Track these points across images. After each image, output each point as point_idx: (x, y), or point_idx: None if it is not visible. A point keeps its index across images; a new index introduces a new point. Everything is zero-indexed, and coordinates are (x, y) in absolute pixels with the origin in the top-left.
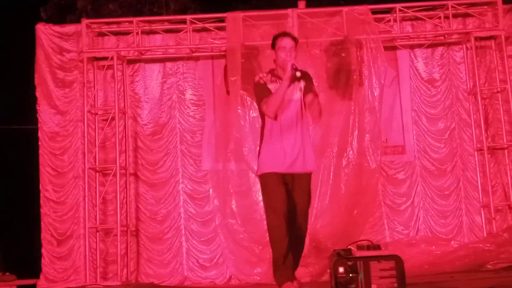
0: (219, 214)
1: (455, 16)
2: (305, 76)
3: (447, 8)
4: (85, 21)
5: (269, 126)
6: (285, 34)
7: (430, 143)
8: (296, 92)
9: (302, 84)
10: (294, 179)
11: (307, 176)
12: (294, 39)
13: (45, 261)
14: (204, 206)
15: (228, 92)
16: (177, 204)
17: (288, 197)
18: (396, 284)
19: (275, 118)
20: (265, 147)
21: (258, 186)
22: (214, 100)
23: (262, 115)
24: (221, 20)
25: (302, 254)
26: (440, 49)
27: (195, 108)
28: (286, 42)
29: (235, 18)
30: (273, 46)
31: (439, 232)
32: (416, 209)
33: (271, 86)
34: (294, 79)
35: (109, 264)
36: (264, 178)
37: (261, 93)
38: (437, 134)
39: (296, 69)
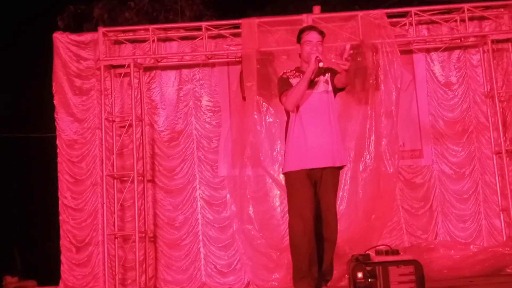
0: (236, 220)
1: (471, 19)
2: (331, 70)
3: (463, 11)
4: (101, 30)
5: (293, 121)
6: (311, 27)
7: (447, 147)
8: (321, 84)
9: (328, 76)
10: (323, 174)
11: (336, 171)
12: (321, 33)
13: (64, 268)
14: (222, 212)
15: (244, 98)
16: (195, 210)
17: (315, 196)
18: None
19: (294, 110)
20: (289, 144)
21: (275, 191)
22: (230, 106)
23: (287, 111)
24: (237, 26)
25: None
26: (456, 52)
27: (212, 114)
28: (313, 36)
29: (250, 24)
30: (298, 40)
31: (458, 236)
32: (434, 213)
33: (293, 81)
34: (319, 73)
35: (127, 271)
36: (289, 177)
37: (282, 87)
38: (455, 137)
39: (320, 61)
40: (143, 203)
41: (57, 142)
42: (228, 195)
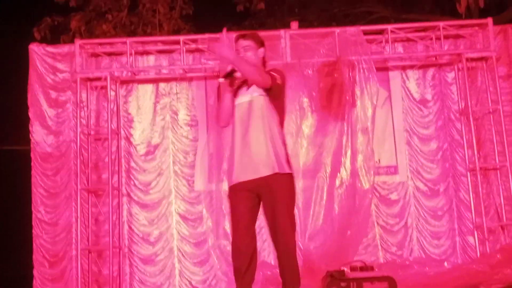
0: (212, 235)
1: (446, 37)
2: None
3: (439, 29)
4: (78, 42)
5: (228, 135)
6: (237, 37)
7: (422, 164)
8: (251, 90)
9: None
10: (268, 183)
11: (280, 178)
12: (245, 37)
13: (36, 283)
14: (197, 227)
15: None
16: (170, 225)
17: (253, 204)
18: None
19: (224, 126)
20: (228, 158)
21: None
22: (207, 120)
23: None
24: (215, 40)
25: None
26: (431, 70)
27: (188, 128)
28: (239, 44)
29: (228, 38)
30: None
31: (433, 253)
32: (409, 230)
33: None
34: (238, 83)
35: (101, 286)
36: (228, 192)
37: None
38: (430, 154)
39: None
40: (118, 217)
41: (32, 155)
42: (204, 210)
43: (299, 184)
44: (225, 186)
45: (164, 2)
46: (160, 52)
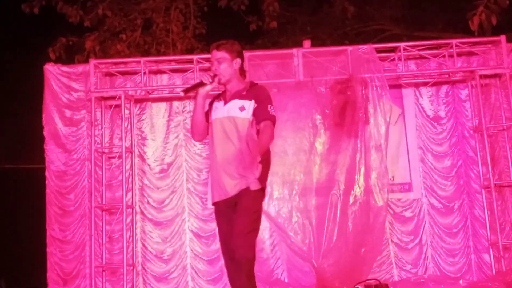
0: None
1: (459, 54)
2: (259, 99)
3: (451, 47)
4: (93, 61)
5: (210, 147)
6: (213, 46)
7: (437, 181)
8: (232, 109)
9: (250, 104)
10: (236, 200)
11: (243, 194)
12: (219, 47)
13: None
14: (211, 245)
15: None
16: (183, 243)
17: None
18: None
19: (199, 140)
20: (210, 171)
21: (265, 224)
22: None
23: None
24: (218, 46)
25: None
26: (445, 87)
27: (202, 146)
28: (213, 55)
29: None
30: None
31: (448, 270)
32: (424, 247)
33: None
34: (235, 95)
35: None
36: (215, 209)
37: None
38: (444, 171)
39: (212, 80)
40: (132, 235)
41: (46, 173)
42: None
43: (312, 202)
44: None
45: (178, 22)
46: (174, 71)
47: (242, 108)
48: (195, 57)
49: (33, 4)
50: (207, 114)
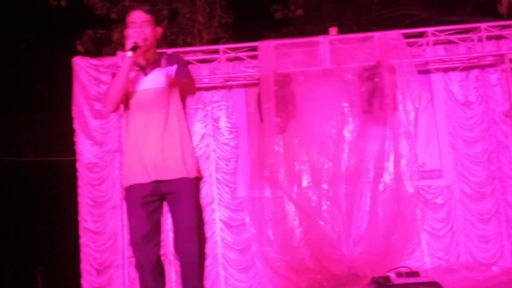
0: (256, 242)
1: (488, 38)
2: (181, 63)
3: (480, 31)
4: (120, 54)
5: (125, 123)
6: (134, 7)
7: (468, 167)
8: (157, 77)
9: (173, 69)
10: (172, 187)
11: (184, 183)
12: (148, 12)
13: None
14: (241, 234)
15: (261, 120)
16: (214, 232)
17: (155, 213)
18: None
19: (113, 110)
20: (124, 154)
21: (294, 212)
22: (248, 127)
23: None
24: (254, 49)
25: (340, 281)
26: (474, 71)
27: (230, 136)
28: (136, 16)
29: (267, 46)
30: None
31: (480, 257)
32: (456, 234)
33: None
34: (156, 63)
35: None
36: (126, 193)
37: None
38: (475, 157)
39: (135, 44)
40: (163, 225)
41: (77, 165)
42: (247, 217)
43: (341, 190)
44: (267, 193)
45: (203, 12)
46: (201, 61)
47: (167, 76)
48: (221, 47)
49: None
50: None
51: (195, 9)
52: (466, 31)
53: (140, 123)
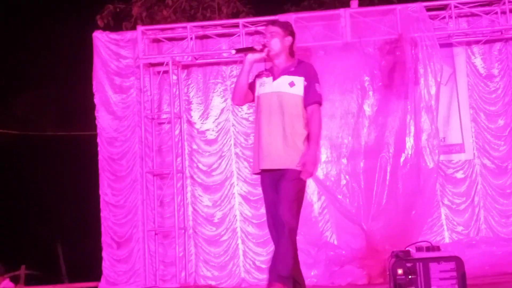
0: None
1: None
2: (310, 77)
3: (504, 3)
4: (140, 28)
5: (255, 122)
6: (269, 22)
7: (489, 141)
8: (281, 84)
9: (300, 81)
10: (282, 174)
11: (288, 172)
12: (277, 25)
13: (105, 264)
14: (260, 208)
15: None
16: (233, 206)
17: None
18: (456, 286)
19: (238, 104)
20: (254, 143)
21: (313, 187)
22: None
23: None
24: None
25: (359, 256)
26: (498, 44)
27: (249, 110)
28: (267, 30)
29: (287, 20)
30: None
31: (501, 232)
32: (476, 209)
33: (257, 81)
34: (284, 71)
35: (167, 267)
36: (260, 178)
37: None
38: (497, 131)
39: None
40: (182, 199)
41: (98, 140)
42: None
43: (360, 164)
44: None
45: None
46: (220, 35)
47: (291, 84)
48: (241, 21)
49: None
50: (251, 86)
51: None
52: (489, 3)
53: (264, 122)
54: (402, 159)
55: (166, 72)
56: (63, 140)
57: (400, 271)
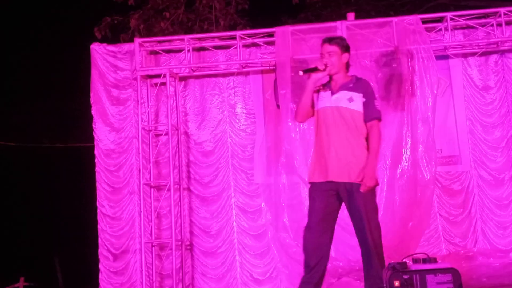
0: (272, 228)
1: (508, 23)
2: (368, 94)
3: (500, 15)
4: (138, 40)
5: (315, 134)
6: (325, 40)
7: (486, 152)
8: (340, 99)
9: (359, 97)
10: (352, 188)
11: (357, 187)
12: (334, 43)
13: (102, 276)
14: (257, 220)
15: (278, 106)
16: (230, 218)
17: (329, 206)
18: None
19: (302, 121)
20: (312, 154)
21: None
22: (265, 113)
23: None
24: (270, 35)
25: (356, 268)
26: (494, 56)
27: (246, 122)
28: (324, 48)
29: (284, 32)
30: None
31: (498, 243)
32: (473, 220)
33: (318, 95)
34: (343, 87)
35: (164, 279)
36: (310, 187)
37: None
38: (494, 142)
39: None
40: (180, 211)
41: (95, 151)
42: (263, 203)
43: None
44: (283, 179)
45: None
46: (217, 47)
47: (350, 99)
48: (238, 33)
49: None
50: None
51: None
52: (485, 15)
53: (323, 135)
54: (398, 171)
55: (163, 84)
56: (60, 152)
57: (397, 283)
